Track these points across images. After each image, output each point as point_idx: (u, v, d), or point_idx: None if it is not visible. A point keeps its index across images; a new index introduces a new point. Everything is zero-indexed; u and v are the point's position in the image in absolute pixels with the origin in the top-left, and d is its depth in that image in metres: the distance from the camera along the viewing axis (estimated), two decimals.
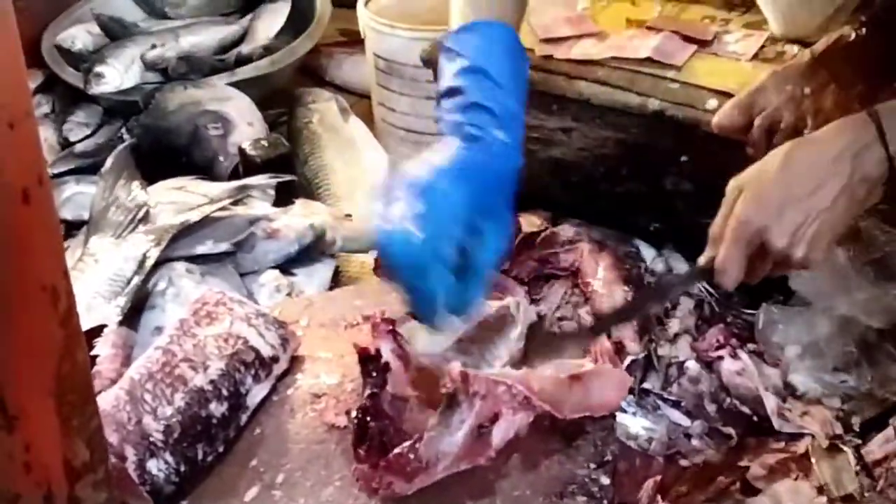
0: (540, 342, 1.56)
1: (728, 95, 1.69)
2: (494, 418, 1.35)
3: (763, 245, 1.36)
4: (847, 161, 1.33)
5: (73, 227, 2.22)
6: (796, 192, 1.34)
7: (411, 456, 1.32)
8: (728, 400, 1.70)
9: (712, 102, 1.72)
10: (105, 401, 1.37)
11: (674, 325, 1.78)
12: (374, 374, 1.40)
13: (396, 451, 1.32)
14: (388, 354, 1.40)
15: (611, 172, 1.90)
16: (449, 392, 1.35)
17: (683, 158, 1.81)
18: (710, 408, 1.69)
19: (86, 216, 2.12)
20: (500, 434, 1.35)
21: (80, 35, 2.88)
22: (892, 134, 1.32)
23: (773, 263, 1.38)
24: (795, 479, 1.59)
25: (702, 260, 1.45)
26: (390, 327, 1.43)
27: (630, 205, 1.90)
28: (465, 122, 1.45)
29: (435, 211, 1.31)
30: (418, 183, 1.33)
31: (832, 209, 1.33)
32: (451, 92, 1.49)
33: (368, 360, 1.42)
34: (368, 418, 1.37)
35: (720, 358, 1.73)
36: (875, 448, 1.60)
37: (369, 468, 1.33)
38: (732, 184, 1.41)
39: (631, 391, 1.68)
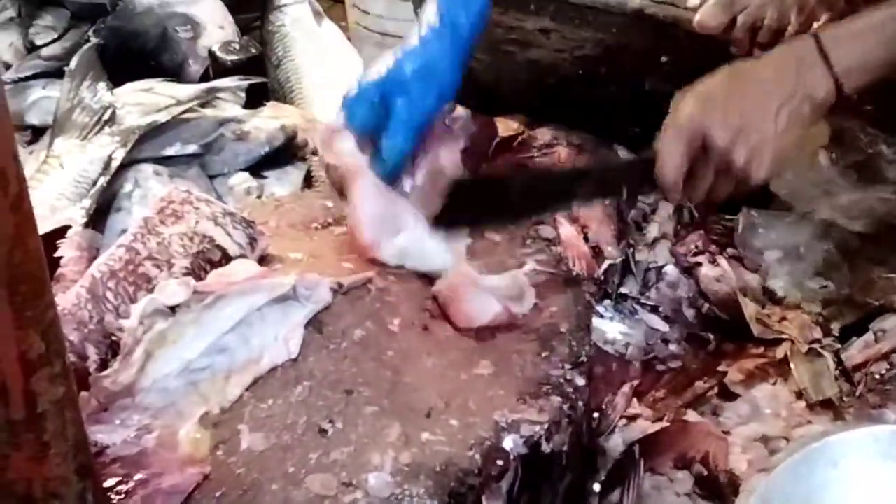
0: None
1: None
2: None
3: (705, 148, 1.35)
4: (791, 77, 1.35)
5: (39, 133, 2.17)
6: (740, 100, 1.35)
7: None
8: (706, 305, 1.68)
9: (693, 0, 1.68)
10: (66, 299, 1.33)
11: (652, 230, 1.76)
12: None
13: None
14: None
15: (589, 74, 1.86)
16: None
17: (664, 59, 1.77)
18: (689, 313, 1.68)
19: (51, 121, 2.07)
20: None
21: None
22: (835, 55, 1.34)
23: (715, 171, 1.36)
24: (774, 383, 1.57)
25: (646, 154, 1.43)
26: None
27: (609, 108, 1.86)
28: None
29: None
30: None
31: (775, 121, 1.34)
32: None
33: None
34: None
35: (699, 263, 1.71)
36: (854, 353, 1.59)
37: None
38: (679, 95, 1.40)
39: (608, 296, 1.67)
